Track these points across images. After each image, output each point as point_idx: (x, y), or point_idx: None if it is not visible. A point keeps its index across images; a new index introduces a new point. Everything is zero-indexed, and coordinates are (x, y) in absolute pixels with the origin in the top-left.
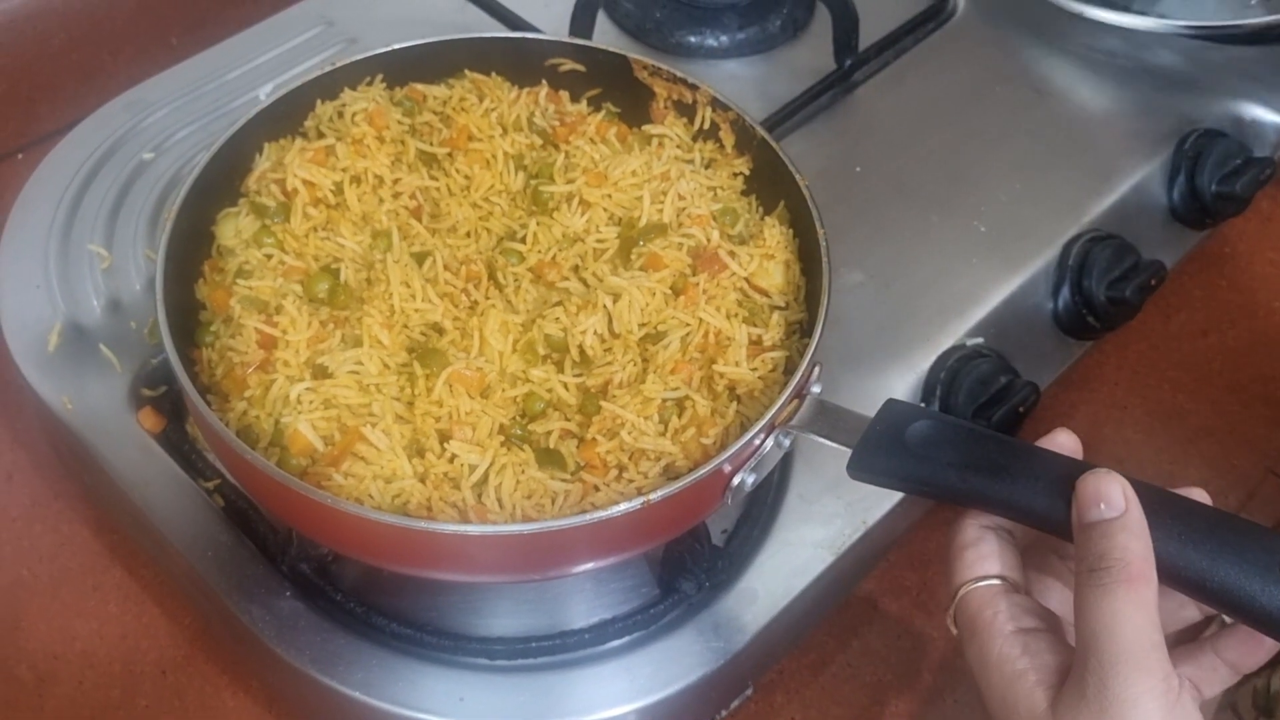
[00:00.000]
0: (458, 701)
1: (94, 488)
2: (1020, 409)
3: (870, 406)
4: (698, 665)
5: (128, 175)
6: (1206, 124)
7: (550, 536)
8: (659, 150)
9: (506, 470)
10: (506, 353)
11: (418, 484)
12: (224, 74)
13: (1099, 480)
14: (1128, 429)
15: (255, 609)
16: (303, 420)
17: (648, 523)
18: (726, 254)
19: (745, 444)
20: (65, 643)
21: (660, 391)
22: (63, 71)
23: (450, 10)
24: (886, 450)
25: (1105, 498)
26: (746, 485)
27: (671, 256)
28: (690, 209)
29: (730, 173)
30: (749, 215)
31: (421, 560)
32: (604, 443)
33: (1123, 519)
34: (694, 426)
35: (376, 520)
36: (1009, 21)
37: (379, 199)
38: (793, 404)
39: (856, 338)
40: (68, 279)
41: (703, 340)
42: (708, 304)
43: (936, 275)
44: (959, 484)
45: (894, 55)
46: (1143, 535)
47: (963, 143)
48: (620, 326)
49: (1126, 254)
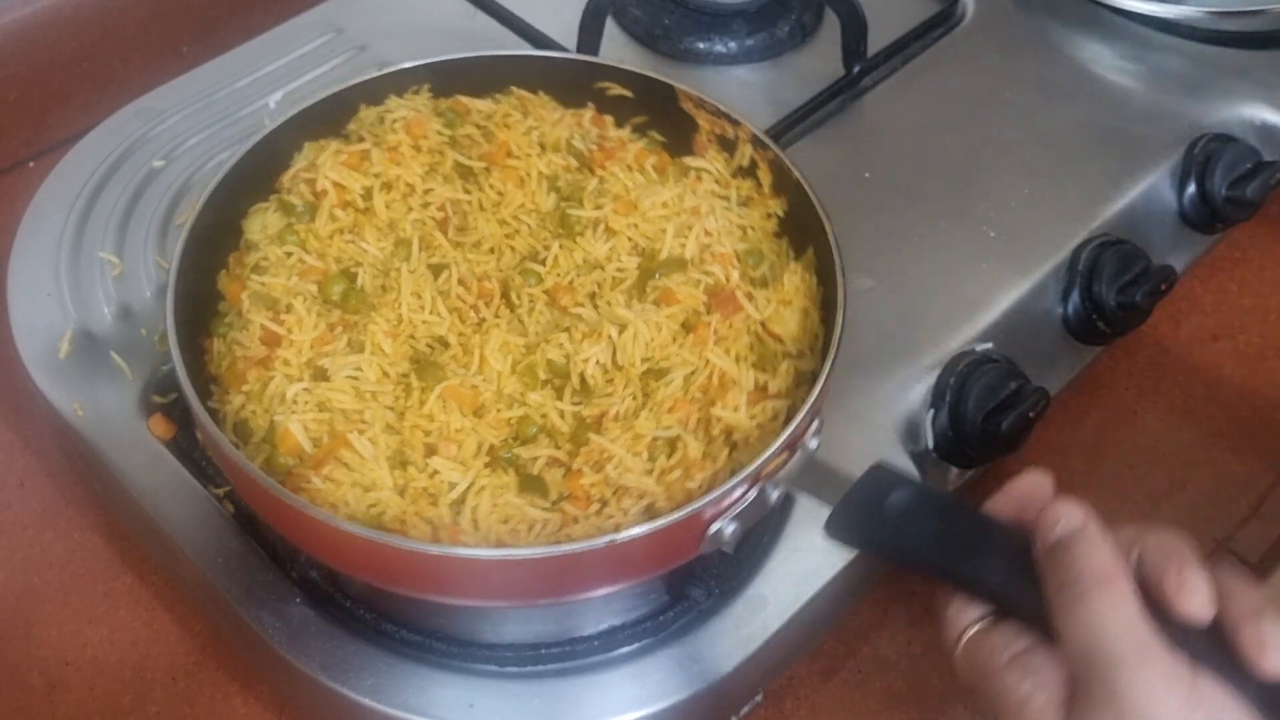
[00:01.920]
0: (467, 708)
1: (105, 495)
2: (1030, 414)
3: (879, 413)
4: (708, 672)
5: (139, 183)
6: (1216, 128)
7: (512, 566)
8: (695, 184)
9: (485, 492)
10: (505, 373)
11: (395, 496)
12: (234, 82)
13: (1055, 505)
14: (1138, 434)
15: (265, 615)
16: (294, 420)
17: (614, 562)
18: (744, 295)
19: (725, 492)
20: (76, 649)
21: (653, 429)
22: (74, 80)
23: (459, 17)
24: (864, 516)
25: (1063, 515)
26: (726, 534)
27: (686, 293)
28: (715, 246)
29: (764, 213)
30: (776, 258)
31: (384, 574)
32: (589, 475)
33: (1082, 531)
34: (681, 468)
35: (338, 528)
36: (1018, 27)
37: (408, 207)
38: (783, 456)
39: (865, 343)
40: (79, 286)
41: (706, 381)
42: (717, 344)
43: (946, 280)
44: (930, 560)
45: (903, 61)
46: (1106, 543)
47: (972, 148)
48: (623, 359)
49: (1136, 259)
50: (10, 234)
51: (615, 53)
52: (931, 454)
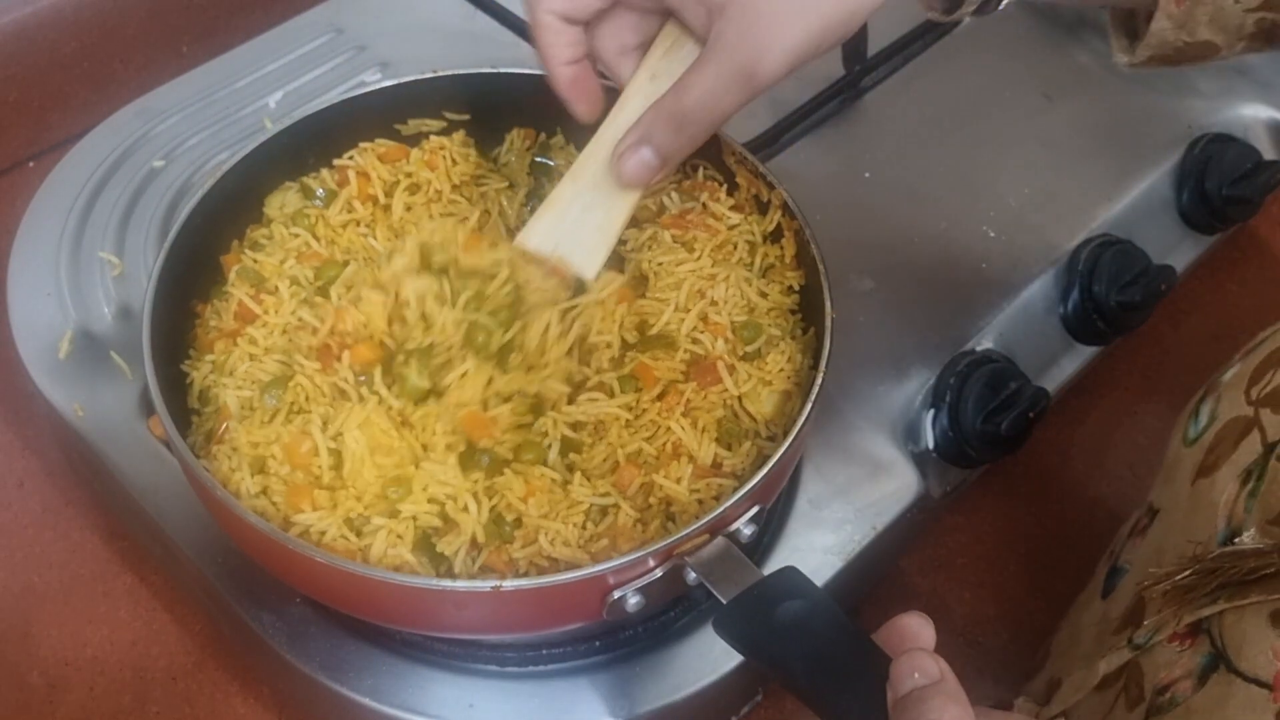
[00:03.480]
0: (467, 708)
1: (105, 495)
2: (1030, 414)
3: (879, 414)
4: (708, 671)
5: (138, 183)
6: (1216, 128)
7: (407, 592)
8: (729, 252)
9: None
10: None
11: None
12: (234, 82)
13: (913, 656)
14: (1137, 434)
15: (265, 615)
16: (230, 392)
17: (505, 612)
18: (725, 368)
19: (632, 561)
20: (76, 649)
21: (588, 496)
22: (73, 80)
23: (459, 18)
24: (751, 619)
25: (919, 668)
26: (629, 605)
27: (664, 369)
28: (713, 315)
29: (784, 286)
30: (781, 334)
31: (287, 574)
32: (518, 550)
33: (938, 684)
34: (609, 537)
35: (232, 510)
36: (1018, 27)
37: (430, 214)
38: (702, 538)
39: (866, 343)
40: (79, 286)
41: (659, 449)
42: (685, 415)
43: (946, 281)
44: (804, 679)
45: (903, 61)
46: (960, 699)
47: (972, 148)
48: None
49: (1136, 259)
50: (10, 234)
51: None
52: (931, 454)
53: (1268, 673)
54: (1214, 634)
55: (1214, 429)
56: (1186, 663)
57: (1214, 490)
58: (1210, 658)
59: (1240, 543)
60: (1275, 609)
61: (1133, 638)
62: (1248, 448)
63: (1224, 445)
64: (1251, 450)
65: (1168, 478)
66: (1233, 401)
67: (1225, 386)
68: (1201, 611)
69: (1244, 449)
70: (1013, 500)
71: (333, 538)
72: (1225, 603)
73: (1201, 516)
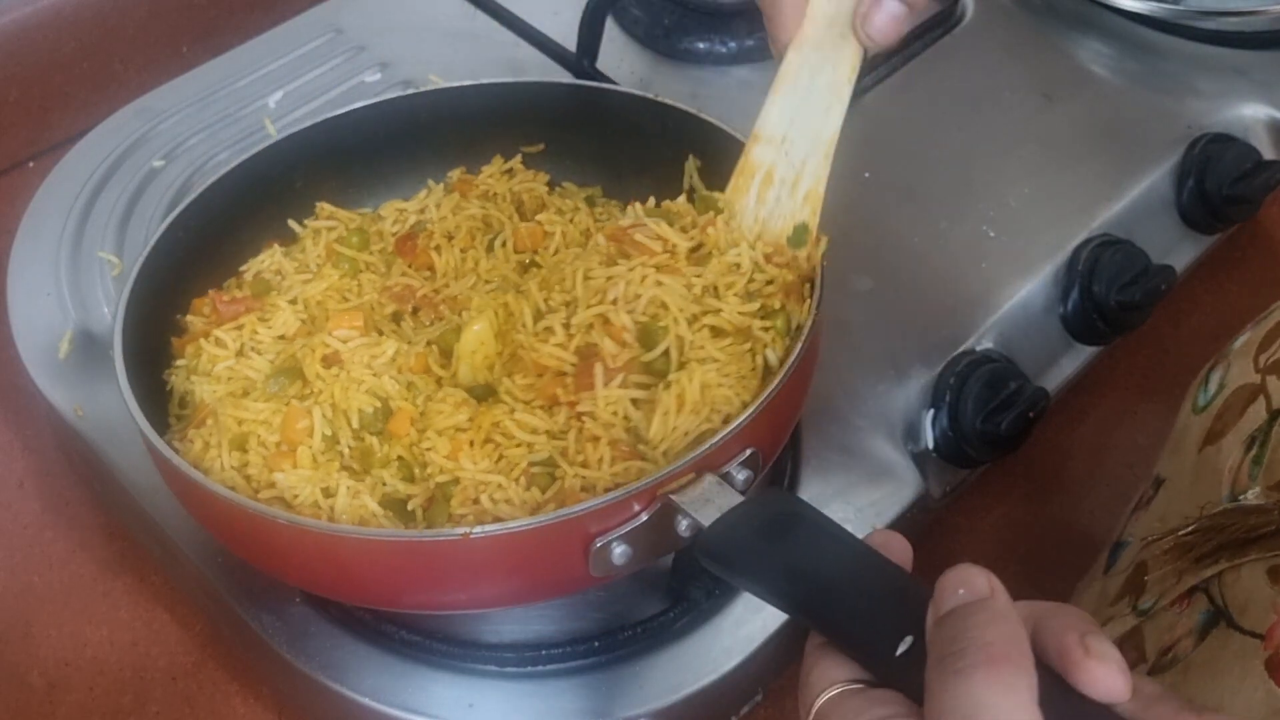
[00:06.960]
0: (467, 708)
1: (105, 495)
2: (1030, 414)
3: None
4: (708, 671)
5: (139, 183)
6: (1216, 128)
7: (371, 547)
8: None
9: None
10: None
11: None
12: (234, 81)
13: (960, 569)
14: (1137, 434)
15: (265, 615)
16: (206, 387)
17: (483, 572)
18: (602, 374)
19: (613, 502)
20: (76, 649)
21: (525, 455)
22: (73, 80)
23: (459, 17)
24: (737, 536)
25: (966, 583)
26: (615, 555)
27: (550, 357)
28: (614, 317)
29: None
30: (681, 345)
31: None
32: (457, 507)
33: (985, 601)
34: (557, 501)
35: (204, 487)
36: (1018, 27)
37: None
38: (688, 476)
39: (865, 343)
40: (79, 286)
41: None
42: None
43: (945, 280)
44: (796, 593)
45: (902, 60)
46: (1009, 619)
47: (971, 148)
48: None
49: (1136, 259)
50: (10, 234)
51: (615, 53)
52: (931, 454)
53: (1263, 625)
54: (1214, 594)
55: (1223, 396)
56: (1186, 623)
57: (1219, 457)
58: (1209, 614)
59: (1244, 500)
60: (1273, 565)
61: (1137, 604)
62: (1254, 414)
63: (1231, 412)
64: (1257, 416)
65: (1175, 447)
66: (1242, 368)
67: (1235, 354)
68: (1203, 573)
69: (1250, 415)
70: (1013, 500)
71: (303, 500)
72: (1225, 562)
73: (1206, 484)
